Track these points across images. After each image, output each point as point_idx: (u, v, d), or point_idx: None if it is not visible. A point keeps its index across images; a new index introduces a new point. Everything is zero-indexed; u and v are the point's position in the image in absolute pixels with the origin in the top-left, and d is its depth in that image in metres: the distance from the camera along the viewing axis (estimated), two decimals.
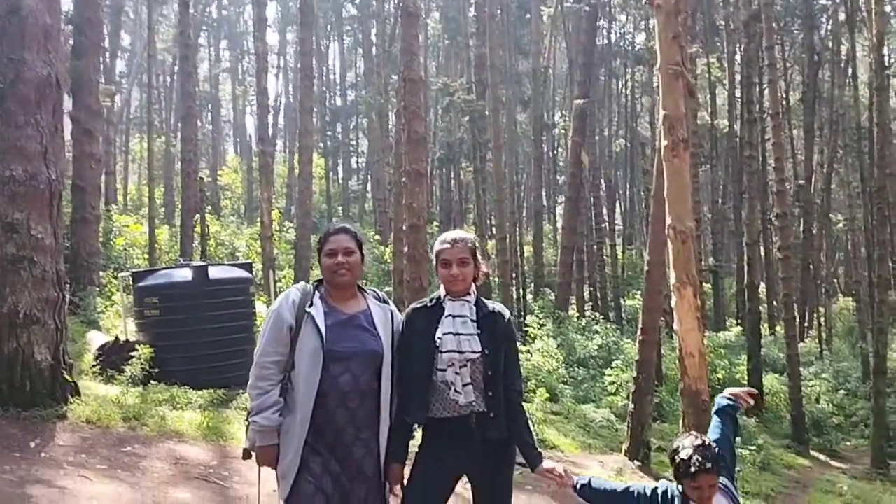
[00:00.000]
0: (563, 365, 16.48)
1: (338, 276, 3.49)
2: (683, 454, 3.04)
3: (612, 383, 14.17)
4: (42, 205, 7.19)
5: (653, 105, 26.81)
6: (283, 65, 51.56)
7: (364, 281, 3.79)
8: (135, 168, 44.13)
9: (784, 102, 26.74)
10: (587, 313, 24.05)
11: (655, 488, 3.21)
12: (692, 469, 3.01)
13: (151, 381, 9.17)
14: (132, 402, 7.93)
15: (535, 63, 28.59)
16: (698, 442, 3.10)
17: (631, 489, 3.29)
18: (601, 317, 22.70)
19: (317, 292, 3.52)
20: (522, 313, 22.87)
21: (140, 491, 5.57)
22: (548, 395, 12.91)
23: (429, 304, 3.62)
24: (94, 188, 16.34)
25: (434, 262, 3.65)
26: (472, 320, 3.52)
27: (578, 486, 3.33)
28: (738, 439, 10.09)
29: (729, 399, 3.62)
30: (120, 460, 6.23)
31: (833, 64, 29.27)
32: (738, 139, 25.85)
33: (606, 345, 18.19)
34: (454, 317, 3.51)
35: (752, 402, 3.61)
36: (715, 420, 3.53)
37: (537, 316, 19.60)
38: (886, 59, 23.65)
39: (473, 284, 3.62)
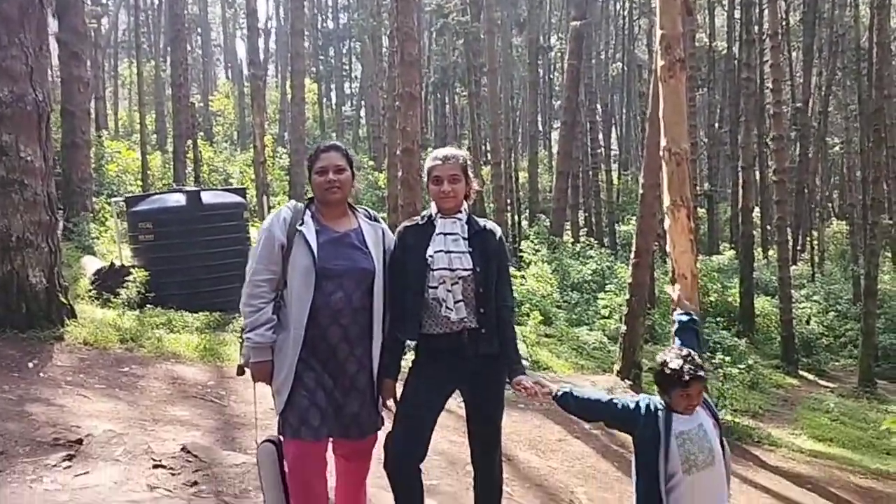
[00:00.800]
0: (558, 289, 16.62)
1: (329, 193, 3.47)
2: (674, 364, 3.05)
3: (605, 307, 14.30)
4: (30, 127, 7.11)
5: (650, 27, 26.32)
6: None
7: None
8: (125, 94, 43.53)
9: (784, 23, 26.25)
10: (582, 239, 24.17)
11: (638, 402, 3.21)
12: (686, 377, 3.01)
13: (147, 305, 9.26)
14: (129, 325, 8.01)
15: None
16: (684, 352, 3.11)
17: (614, 400, 3.27)
18: (595, 242, 22.79)
19: (308, 211, 3.51)
20: (517, 239, 22.95)
21: (138, 409, 5.66)
22: (541, 319, 13.04)
23: (420, 222, 3.60)
24: (84, 112, 16.10)
25: (425, 181, 3.61)
26: (464, 238, 3.50)
27: (559, 395, 3.28)
28: (727, 358, 10.21)
29: (685, 314, 3.65)
30: (118, 380, 6.32)
31: None
32: (735, 62, 25.52)
33: (600, 269, 18.31)
34: (445, 234, 3.49)
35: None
36: (677, 342, 3.53)
37: (532, 241, 19.67)
38: None
39: (465, 202, 3.60)
